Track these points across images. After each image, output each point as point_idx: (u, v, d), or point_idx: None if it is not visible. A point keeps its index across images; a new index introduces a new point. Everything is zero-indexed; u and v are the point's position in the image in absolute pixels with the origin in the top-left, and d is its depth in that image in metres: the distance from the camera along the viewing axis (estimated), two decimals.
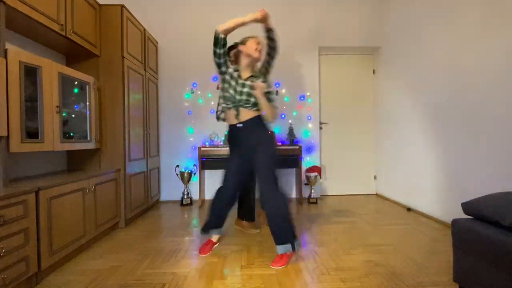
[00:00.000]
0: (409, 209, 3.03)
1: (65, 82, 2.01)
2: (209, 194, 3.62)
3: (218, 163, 3.47)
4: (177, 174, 3.52)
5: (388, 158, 3.54)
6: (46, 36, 2.02)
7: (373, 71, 3.85)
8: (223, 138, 3.51)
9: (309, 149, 3.68)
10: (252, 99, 1.82)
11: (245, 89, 1.83)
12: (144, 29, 3.02)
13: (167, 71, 3.59)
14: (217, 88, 3.62)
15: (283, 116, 3.68)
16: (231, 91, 1.86)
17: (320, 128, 3.76)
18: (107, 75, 2.50)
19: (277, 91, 3.64)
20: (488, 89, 2.08)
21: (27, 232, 1.48)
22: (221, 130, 3.57)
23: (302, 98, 3.68)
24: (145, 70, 3.03)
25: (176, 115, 3.61)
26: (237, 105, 1.86)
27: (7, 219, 1.36)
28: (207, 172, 3.61)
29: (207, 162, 3.46)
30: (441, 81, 2.57)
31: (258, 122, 1.89)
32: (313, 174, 3.39)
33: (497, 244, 1.14)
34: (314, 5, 3.69)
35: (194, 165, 3.55)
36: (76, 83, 2.16)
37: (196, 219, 2.81)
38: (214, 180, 3.61)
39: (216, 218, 1.99)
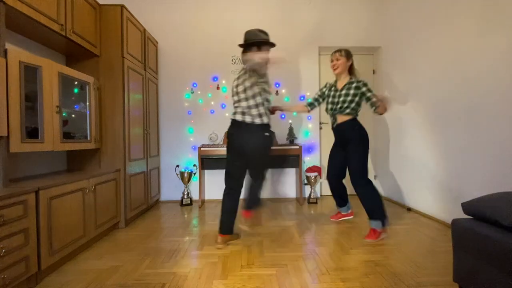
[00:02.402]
0: (409, 209, 3.03)
1: (65, 82, 2.01)
2: (209, 194, 3.64)
3: (218, 163, 3.47)
4: (177, 174, 3.53)
5: (388, 158, 3.54)
6: (46, 36, 2.02)
7: (373, 71, 3.85)
8: (223, 138, 3.51)
9: (309, 149, 3.68)
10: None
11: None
12: (144, 29, 3.02)
13: (167, 71, 3.59)
14: (217, 88, 3.62)
15: (283, 116, 3.68)
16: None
17: (320, 128, 3.76)
18: (107, 75, 2.50)
19: (277, 91, 3.64)
20: (488, 89, 2.09)
21: (27, 232, 1.48)
22: (221, 130, 3.58)
23: (302, 98, 3.68)
24: (145, 70, 3.03)
25: (176, 115, 3.61)
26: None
27: (7, 219, 1.36)
28: (207, 172, 3.61)
29: (207, 162, 3.46)
30: (441, 81, 2.57)
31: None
32: (313, 174, 3.39)
33: (497, 244, 1.14)
34: (314, 5, 3.69)
35: (194, 165, 3.56)
36: (76, 83, 2.17)
37: (196, 219, 2.81)
38: (214, 180, 3.61)
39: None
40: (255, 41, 1.97)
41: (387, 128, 3.55)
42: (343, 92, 2.24)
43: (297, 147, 3.31)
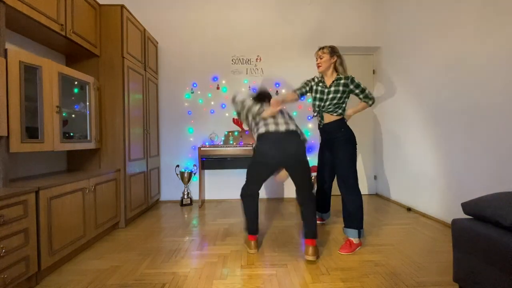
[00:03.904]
0: (409, 209, 3.03)
1: (65, 82, 2.01)
2: (209, 194, 3.64)
3: (218, 163, 3.47)
4: (177, 174, 3.53)
5: (388, 158, 3.54)
6: (46, 36, 2.02)
7: (373, 71, 3.85)
8: (223, 138, 3.51)
9: (309, 149, 3.68)
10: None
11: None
12: (144, 29, 3.02)
13: (167, 71, 3.59)
14: (217, 88, 3.62)
15: None
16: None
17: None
18: (107, 75, 2.50)
19: (277, 91, 3.64)
20: (488, 89, 2.09)
21: (27, 232, 1.48)
22: (221, 130, 3.58)
23: (302, 98, 3.67)
24: (145, 70, 3.03)
25: (176, 115, 3.61)
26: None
27: (7, 219, 1.36)
28: (207, 172, 3.61)
29: (207, 162, 3.46)
30: (441, 81, 2.57)
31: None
32: (313, 174, 3.38)
33: (497, 244, 1.14)
34: (314, 5, 3.69)
35: (194, 165, 3.56)
36: (76, 83, 2.17)
37: (196, 219, 2.81)
38: (214, 180, 3.61)
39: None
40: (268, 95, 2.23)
41: (387, 127, 3.55)
42: (332, 89, 2.13)
43: None
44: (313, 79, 2.33)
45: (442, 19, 2.55)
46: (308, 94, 2.38)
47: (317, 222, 2.56)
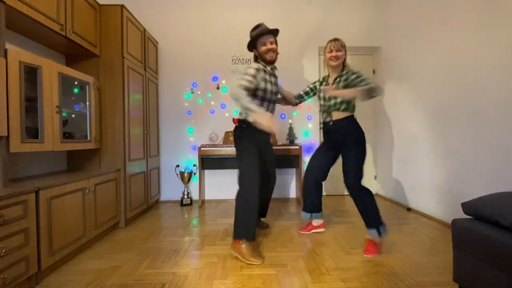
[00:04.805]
0: (409, 209, 3.03)
1: (65, 82, 2.01)
2: (209, 194, 3.64)
3: (218, 163, 3.47)
4: (177, 174, 3.53)
5: (388, 158, 3.54)
6: (46, 36, 2.02)
7: (373, 71, 3.85)
8: (223, 138, 3.51)
9: (309, 149, 3.68)
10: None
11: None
12: (144, 29, 3.02)
13: (167, 71, 3.59)
14: (217, 88, 3.62)
15: (283, 116, 3.68)
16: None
17: (320, 128, 3.75)
18: (107, 75, 2.50)
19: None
20: (488, 89, 2.08)
21: (27, 232, 1.48)
22: (221, 130, 3.58)
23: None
24: (145, 70, 3.03)
25: (176, 115, 3.61)
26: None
27: (7, 219, 1.36)
28: (207, 172, 3.61)
29: (207, 162, 3.45)
30: (441, 81, 2.57)
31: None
32: None
33: (497, 244, 1.14)
34: (314, 5, 3.69)
35: (194, 165, 3.56)
36: (76, 83, 2.16)
37: (196, 219, 2.81)
38: (214, 180, 3.61)
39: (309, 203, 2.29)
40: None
41: (388, 127, 3.55)
42: (334, 86, 2.05)
43: (297, 147, 3.31)
44: (318, 80, 2.37)
45: (442, 19, 2.55)
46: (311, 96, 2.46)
47: (313, 231, 2.36)
